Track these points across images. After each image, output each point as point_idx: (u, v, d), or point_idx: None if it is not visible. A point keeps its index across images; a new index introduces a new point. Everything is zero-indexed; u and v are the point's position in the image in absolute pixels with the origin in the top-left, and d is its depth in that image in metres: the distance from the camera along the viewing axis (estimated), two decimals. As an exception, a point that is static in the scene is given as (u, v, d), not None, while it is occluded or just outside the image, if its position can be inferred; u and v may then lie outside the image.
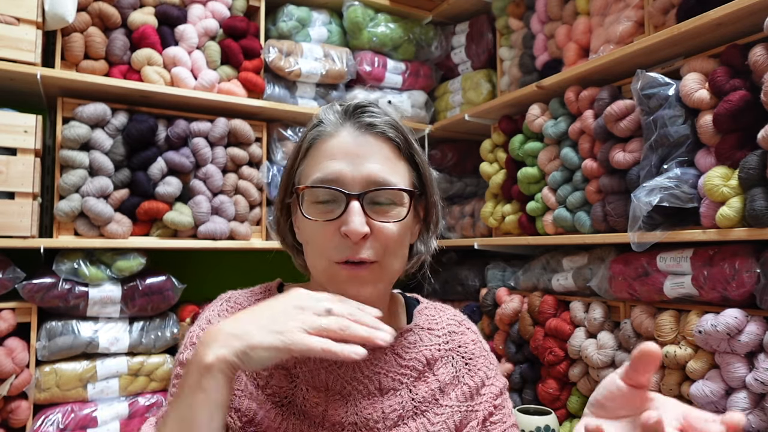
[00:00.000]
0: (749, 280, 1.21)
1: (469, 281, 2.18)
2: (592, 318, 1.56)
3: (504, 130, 1.99)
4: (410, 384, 0.80)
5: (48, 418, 1.59)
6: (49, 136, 1.82)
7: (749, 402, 1.19)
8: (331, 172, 0.73)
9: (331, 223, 0.72)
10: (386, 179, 0.73)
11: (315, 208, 0.74)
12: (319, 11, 2.20)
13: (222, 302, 0.84)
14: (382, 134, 0.76)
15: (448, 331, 0.87)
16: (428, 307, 0.91)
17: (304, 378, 0.77)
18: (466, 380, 0.84)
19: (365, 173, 0.73)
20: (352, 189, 0.72)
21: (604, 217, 1.56)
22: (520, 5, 2.04)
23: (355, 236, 0.70)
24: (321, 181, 0.73)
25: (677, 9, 1.44)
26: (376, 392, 0.78)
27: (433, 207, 0.83)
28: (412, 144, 0.79)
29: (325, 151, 0.75)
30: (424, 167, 0.80)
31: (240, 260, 2.21)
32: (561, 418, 1.66)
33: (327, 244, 0.73)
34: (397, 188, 0.74)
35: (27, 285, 1.57)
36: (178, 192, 1.80)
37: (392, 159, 0.76)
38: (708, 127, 1.29)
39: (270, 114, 2.02)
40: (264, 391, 0.76)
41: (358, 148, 0.74)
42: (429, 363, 0.83)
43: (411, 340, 0.84)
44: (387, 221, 0.73)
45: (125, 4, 1.78)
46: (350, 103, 0.78)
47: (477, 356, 0.87)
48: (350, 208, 0.71)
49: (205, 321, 0.81)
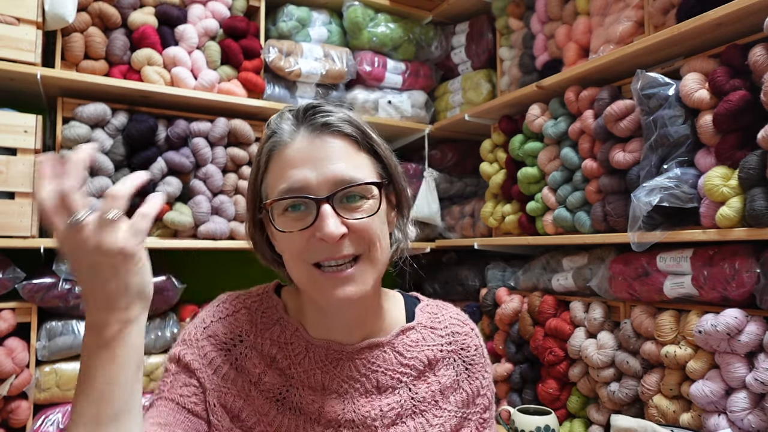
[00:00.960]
0: (749, 280, 1.21)
1: (469, 281, 2.18)
2: (592, 318, 1.56)
3: (504, 130, 1.99)
4: (410, 383, 0.80)
5: (48, 418, 1.58)
6: (49, 136, 1.82)
7: (749, 402, 1.19)
8: (296, 180, 0.71)
9: (306, 231, 0.71)
10: (352, 176, 0.72)
11: (286, 218, 0.73)
12: (319, 11, 2.20)
13: (219, 303, 0.84)
14: (338, 131, 0.74)
15: (451, 332, 0.87)
16: (430, 305, 0.90)
17: (299, 378, 0.77)
18: (464, 386, 0.85)
19: (329, 175, 0.71)
20: (320, 193, 0.71)
21: (604, 217, 1.56)
22: (520, 5, 2.04)
23: (332, 239, 0.69)
24: (287, 191, 0.71)
25: (677, 9, 1.44)
26: (374, 390, 0.78)
27: (402, 192, 0.81)
28: (370, 135, 0.77)
29: (285, 160, 0.73)
30: (386, 155, 0.78)
31: (240, 260, 2.21)
32: (561, 418, 1.66)
33: (305, 251, 0.72)
34: (364, 183, 0.72)
35: (27, 285, 1.57)
36: (178, 192, 1.80)
37: (353, 154, 0.74)
38: (708, 127, 1.29)
39: (270, 114, 2.01)
40: (257, 388, 0.77)
41: (317, 151, 0.72)
42: (431, 363, 0.82)
43: (413, 339, 0.83)
44: (361, 216, 0.72)
45: (125, 4, 1.78)
46: (300, 107, 0.77)
47: (476, 363, 0.87)
48: (322, 213, 0.70)
49: (200, 320, 0.82)
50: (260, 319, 0.81)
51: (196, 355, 0.78)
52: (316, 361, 0.78)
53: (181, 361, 0.78)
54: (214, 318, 0.81)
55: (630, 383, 1.45)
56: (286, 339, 0.79)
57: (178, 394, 0.76)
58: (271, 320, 0.81)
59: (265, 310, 0.82)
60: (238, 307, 0.82)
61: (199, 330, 0.80)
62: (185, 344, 0.79)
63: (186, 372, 0.77)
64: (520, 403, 1.77)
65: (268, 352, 0.79)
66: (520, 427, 1.53)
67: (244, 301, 0.84)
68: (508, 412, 1.62)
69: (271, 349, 0.79)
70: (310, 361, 0.78)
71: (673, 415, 1.33)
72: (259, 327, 0.80)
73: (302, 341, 0.79)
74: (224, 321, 0.81)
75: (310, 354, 0.78)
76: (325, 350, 0.79)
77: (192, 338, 0.79)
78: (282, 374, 0.78)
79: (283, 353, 0.78)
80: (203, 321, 0.81)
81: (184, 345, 0.79)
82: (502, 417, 1.67)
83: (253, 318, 0.81)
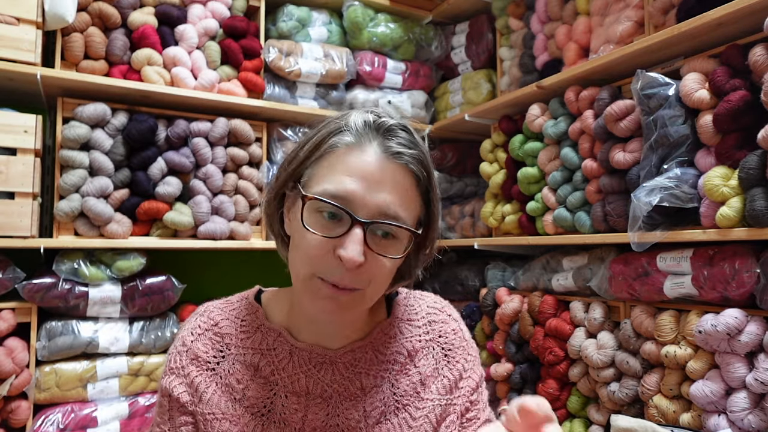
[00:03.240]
0: (749, 280, 1.21)
1: (469, 281, 2.18)
2: (592, 318, 1.56)
3: (504, 130, 1.99)
4: (392, 378, 0.80)
5: (48, 418, 1.59)
6: (49, 136, 1.82)
7: (749, 402, 1.19)
8: (345, 190, 0.68)
9: (329, 241, 0.69)
10: (397, 213, 0.69)
11: (316, 218, 0.70)
12: (319, 11, 2.20)
13: (197, 317, 0.83)
14: (405, 166, 0.71)
15: (428, 321, 0.86)
16: (407, 297, 0.88)
17: (283, 384, 0.76)
18: (445, 372, 0.83)
19: (379, 202, 0.68)
20: (361, 214, 0.68)
21: (604, 217, 1.56)
22: (520, 5, 2.04)
23: (350, 264, 0.67)
24: (332, 195, 0.68)
25: (677, 9, 1.44)
26: (359, 392, 0.78)
27: (431, 242, 0.80)
28: (432, 180, 0.75)
29: (344, 163, 0.70)
30: (435, 204, 0.77)
31: (240, 260, 2.21)
32: (561, 418, 1.66)
33: (318, 259, 0.69)
34: (405, 227, 0.70)
35: (27, 285, 1.57)
36: (178, 192, 1.80)
37: (408, 193, 0.72)
38: (708, 127, 1.29)
39: (270, 114, 2.02)
40: (241, 404, 0.76)
41: (378, 173, 0.69)
42: (410, 354, 0.82)
43: (390, 334, 0.82)
44: (384, 256, 0.70)
45: (125, 4, 1.78)
46: (383, 120, 0.73)
47: (456, 347, 0.85)
48: (352, 234, 0.67)
49: (181, 342, 0.81)
50: (241, 329, 0.80)
51: (185, 386, 0.77)
52: (300, 365, 0.77)
53: (172, 396, 0.77)
54: (194, 336, 0.80)
55: (630, 383, 1.45)
56: (269, 345, 0.78)
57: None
58: (252, 328, 0.80)
59: (244, 318, 0.81)
60: (217, 320, 0.81)
61: (183, 354, 0.79)
62: (173, 373, 0.79)
63: (179, 408, 0.77)
64: (520, 403, 1.77)
65: (251, 361, 0.78)
66: (520, 427, 1.53)
67: (223, 310, 0.82)
68: (508, 412, 1.62)
69: (253, 358, 0.78)
70: (294, 365, 0.77)
71: (673, 415, 1.33)
72: (240, 337, 0.79)
73: (286, 346, 0.78)
74: (204, 337, 0.80)
75: (294, 358, 0.78)
76: (309, 354, 0.78)
77: (177, 365, 0.79)
78: (266, 382, 0.77)
79: (266, 360, 0.78)
80: (184, 343, 0.80)
81: (171, 375, 0.79)
82: (502, 417, 1.66)
83: (234, 328, 0.80)
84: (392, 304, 0.87)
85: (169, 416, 0.78)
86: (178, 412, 0.77)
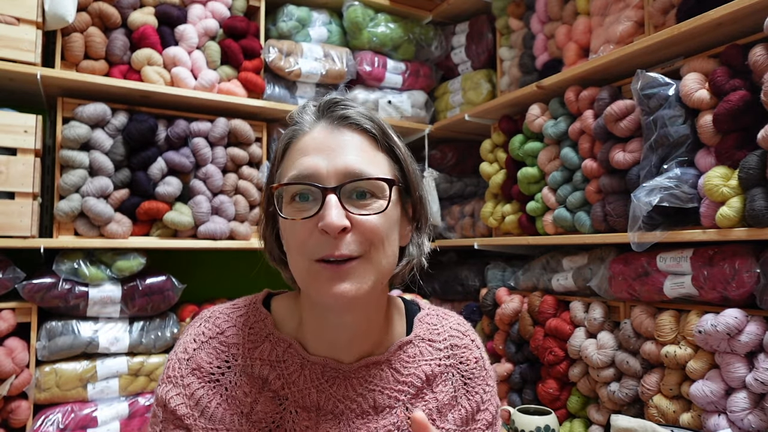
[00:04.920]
0: (749, 280, 1.21)
1: (469, 281, 2.18)
2: (592, 318, 1.56)
3: (504, 130, 1.99)
4: (407, 402, 0.76)
5: (48, 418, 1.59)
6: (49, 136, 1.82)
7: (749, 402, 1.19)
8: (306, 167, 0.69)
9: (309, 221, 0.68)
10: (363, 170, 0.69)
11: (292, 207, 0.70)
12: (319, 11, 2.20)
13: (201, 323, 0.78)
14: (357, 126, 0.72)
15: (450, 344, 0.82)
16: (430, 314, 0.85)
17: (293, 399, 0.73)
18: (463, 402, 0.80)
19: (341, 165, 0.68)
20: (328, 183, 0.68)
21: (604, 217, 1.56)
22: (520, 5, 2.04)
23: (332, 230, 0.65)
24: (296, 177, 0.69)
25: (677, 9, 1.44)
26: (371, 411, 0.75)
27: (418, 202, 0.77)
28: (390, 135, 0.74)
29: (299, 148, 0.72)
30: (406, 160, 0.75)
31: (240, 260, 2.21)
32: (561, 418, 1.66)
33: (306, 243, 0.68)
34: (374, 178, 0.69)
35: (27, 285, 1.57)
36: (178, 192, 1.80)
37: (369, 150, 0.72)
38: (708, 127, 1.29)
39: (270, 114, 2.02)
40: (249, 419, 0.72)
41: (331, 141, 0.70)
42: (428, 379, 0.78)
43: (410, 354, 0.79)
44: (367, 213, 0.68)
45: (125, 4, 1.78)
46: (323, 99, 0.75)
47: (476, 376, 0.82)
48: (327, 203, 0.66)
49: (182, 349, 0.76)
50: (248, 337, 0.76)
51: (183, 396, 0.72)
52: (311, 379, 0.74)
53: (168, 407, 0.73)
54: (197, 344, 0.75)
55: (630, 383, 1.45)
56: (278, 356, 0.75)
57: None
58: (260, 337, 0.76)
59: (252, 325, 0.77)
60: (223, 327, 0.77)
61: (183, 363, 0.74)
62: (170, 382, 0.74)
63: (174, 420, 0.73)
64: (520, 403, 1.77)
65: (259, 373, 0.74)
66: (520, 427, 1.53)
67: (229, 316, 0.78)
68: (508, 412, 1.62)
69: (262, 370, 0.74)
70: (305, 379, 0.74)
71: (673, 415, 1.33)
72: (247, 346, 0.75)
73: (297, 358, 0.75)
74: (208, 346, 0.75)
75: (305, 372, 0.74)
76: (322, 368, 0.75)
77: (176, 374, 0.74)
78: (276, 396, 0.73)
79: (276, 372, 0.74)
80: (185, 350, 0.75)
81: (169, 383, 0.74)
82: (502, 417, 1.67)
83: (241, 336, 0.76)
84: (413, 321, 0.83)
85: (162, 428, 0.73)
86: (172, 425, 0.73)
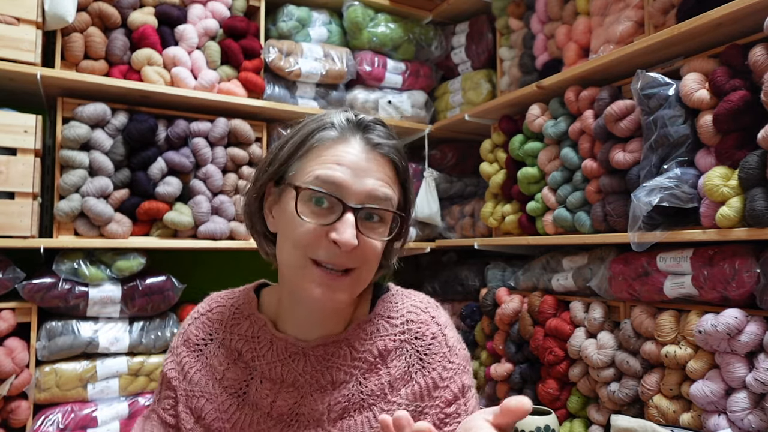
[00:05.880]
0: (749, 280, 1.21)
1: (469, 281, 2.18)
2: (592, 318, 1.56)
3: (504, 130, 1.99)
4: (360, 376, 0.80)
5: (48, 418, 1.59)
6: (49, 136, 1.82)
7: (749, 402, 1.19)
8: (336, 177, 0.74)
9: (322, 228, 0.73)
10: (383, 198, 0.76)
11: (308, 206, 0.74)
12: (319, 11, 2.20)
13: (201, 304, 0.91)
14: (387, 156, 0.79)
15: (406, 320, 0.83)
16: (394, 294, 0.88)
17: (261, 371, 0.82)
18: (417, 378, 0.79)
19: (368, 188, 0.75)
20: (351, 200, 0.74)
21: (604, 217, 1.56)
22: (520, 5, 2.04)
23: (346, 247, 0.72)
24: (322, 182, 0.73)
25: (677, 9, 1.44)
26: (328, 385, 0.80)
27: (406, 231, 0.87)
28: (408, 170, 0.82)
29: (331, 155, 0.76)
30: (410, 193, 0.84)
31: (240, 260, 2.21)
32: (561, 418, 1.66)
33: (313, 244, 0.74)
34: (392, 210, 0.77)
35: (27, 285, 1.57)
36: (178, 192, 1.80)
37: (390, 181, 0.78)
38: (708, 127, 1.29)
39: (270, 114, 2.02)
40: (221, 384, 0.82)
41: (363, 163, 0.76)
42: (381, 354, 0.81)
43: (368, 331, 0.82)
44: (374, 238, 0.76)
45: (125, 4, 1.78)
46: (363, 117, 0.80)
47: (434, 353, 0.81)
48: (345, 219, 0.73)
49: (182, 325, 0.90)
50: (232, 316, 0.87)
51: (175, 364, 0.86)
52: (278, 354, 0.82)
53: (165, 375, 0.86)
54: (191, 320, 0.89)
55: (630, 383, 1.45)
56: (254, 333, 0.84)
57: (161, 407, 0.85)
58: (243, 316, 0.86)
59: (239, 306, 0.88)
60: (212, 306, 0.89)
61: (179, 336, 0.89)
62: (170, 353, 0.88)
63: (167, 384, 0.86)
64: (520, 403, 1.76)
65: (234, 346, 0.84)
66: (520, 427, 1.53)
67: (222, 298, 0.90)
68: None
69: (237, 343, 0.84)
70: (273, 354, 0.82)
71: (673, 415, 1.33)
72: (229, 323, 0.86)
73: (268, 335, 0.83)
74: (198, 321, 0.88)
75: (273, 347, 0.82)
76: (285, 344, 0.82)
77: (174, 345, 0.88)
78: (246, 367, 0.82)
79: (249, 346, 0.83)
80: (183, 326, 0.90)
81: (169, 354, 0.88)
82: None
83: (225, 315, 0.87)
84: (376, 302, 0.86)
85: (160, 389, 0.88)
86: (165, 387, 0.86)
